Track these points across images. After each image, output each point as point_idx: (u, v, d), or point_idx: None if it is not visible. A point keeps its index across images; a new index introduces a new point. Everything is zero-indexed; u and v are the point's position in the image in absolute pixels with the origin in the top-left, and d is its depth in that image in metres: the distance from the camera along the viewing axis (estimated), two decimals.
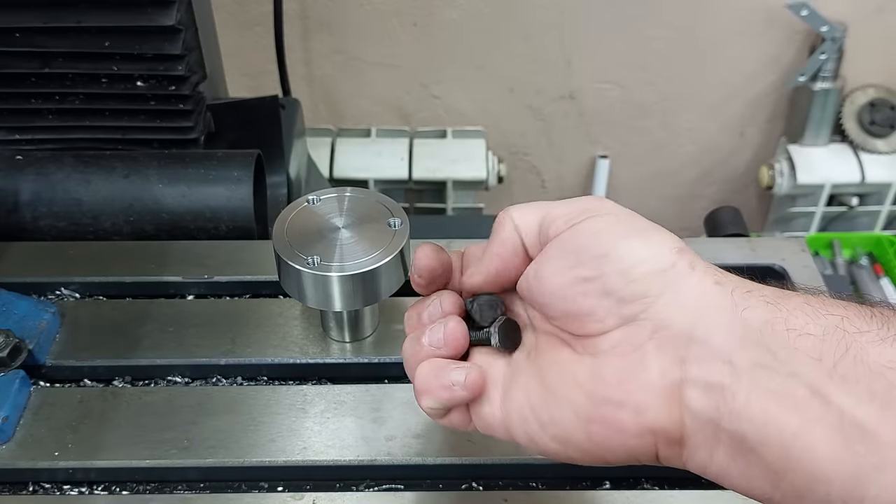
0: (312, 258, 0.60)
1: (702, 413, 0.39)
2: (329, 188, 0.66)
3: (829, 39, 1.59)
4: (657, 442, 0.41)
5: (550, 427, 0.43)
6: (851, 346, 0.37)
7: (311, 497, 0.57)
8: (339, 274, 0.59)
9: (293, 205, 0.64)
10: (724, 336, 0.39)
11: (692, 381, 0.39)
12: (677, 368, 0.40)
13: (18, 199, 0.80)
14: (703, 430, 0.39)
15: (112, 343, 0.67)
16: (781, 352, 0.38)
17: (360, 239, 0.61)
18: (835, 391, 0.36)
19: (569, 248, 0.43)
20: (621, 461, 0.42)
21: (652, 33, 1.64)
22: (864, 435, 0.35)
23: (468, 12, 1.62)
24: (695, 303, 0.40)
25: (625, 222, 0.44)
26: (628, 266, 0.41)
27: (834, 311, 0.38)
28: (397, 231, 0.62)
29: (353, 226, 0.62)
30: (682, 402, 0.40)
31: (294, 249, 0.60)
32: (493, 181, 1.66)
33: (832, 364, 0.36)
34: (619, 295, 0.41)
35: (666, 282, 0.41)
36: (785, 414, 0.37)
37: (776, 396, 0.37)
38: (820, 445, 0.36)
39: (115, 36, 0.84)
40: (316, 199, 0.64)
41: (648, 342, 0.40)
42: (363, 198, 0.64)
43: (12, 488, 0.59)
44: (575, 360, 0.43)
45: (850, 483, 0.35)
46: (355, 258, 0.60)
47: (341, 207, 0.64)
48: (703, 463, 0.40)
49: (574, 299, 0.43)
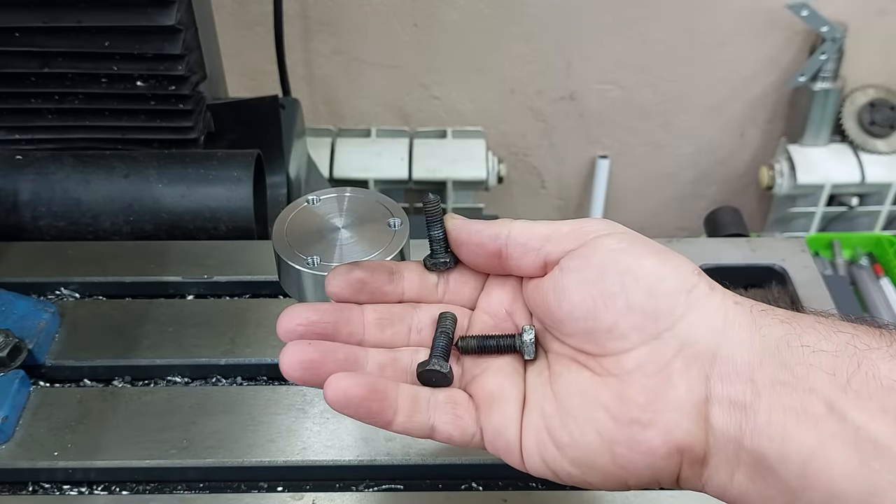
0: (312, 258, 0.60)
1: (725, 431, 0.39)
2: (329, 188, 0.66)
3: (829, 40, 1.59)
4: (682, 462, 0.41)
5: (570, 450, 0.42)
6: (863, 363, 0.37)
7: (311, 497, 0.57)
8: None
9: (293, 205, 0.64)
10: (747, 354, 0.39)
11: (717, 399, 0.40)
12: (703, 386, 0.40)
13: (18, 199, 0.80)
14: (724, 449, 0.39)
15: (112, 343, 0.67)
16: (798, 368, 0.38)
17: (359, 239, 0.61)
18: (850, 407, 0.37)
19: (591, 262, 0.42)
20: (643, 485, 0.42)
21: (652, 34, 1.64)
22: (879, 451, 0.35)
23: (468, 13, 1.62)
24: (721, 321, 0.40)
25: (641, 243, 0.43)
26: (653, 282, 0.41)
27: (844, 329, 0.39)
28: (397, 231, 0.62)
29: (353, 226, 0.62)
30: (707, 421, 0.40)
31: (294, 249, 0.60)
32: (493, 181, 1.66)
33: (846, 380, 0.37)
34: (643, 311, 0.41)
35: (690, 301, 0.41)
36: (803, 431, 0.37)
37: (795, 413, 0.38)
38: (837, 461, 0.36)
39: (115, 36, 0.84)
40: (316, 199, 0.64)
41: (675, 360, 0.40)
42: (363, 198, 0.64)
43: (12, 488, 0.59)
44: (597, 382, 0.42)
45: (865, 499, 0.36)
46: (355, 258, 0.60)
47: (341, 207, 0.64)
48: (722, 485, 0.40)
49: (595, 315, 0.42)
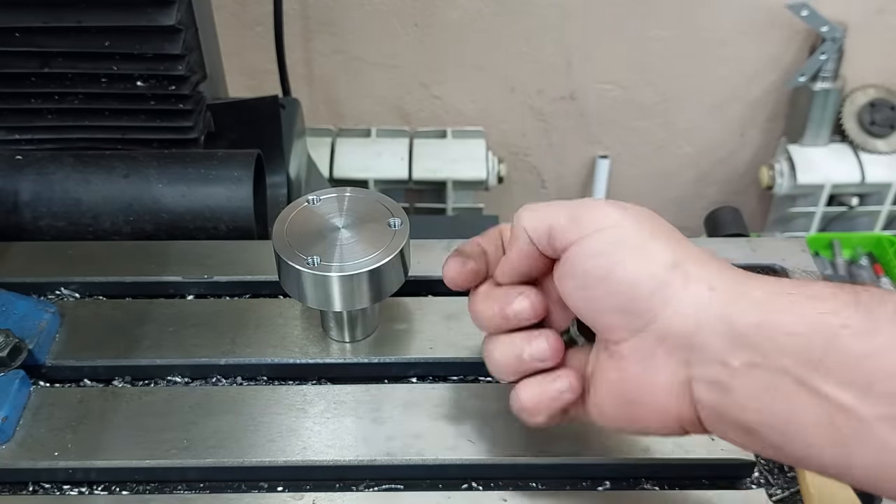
0: (312, 258, 0.60)
1: (708, 405, 0.45)
2: (329, 188, 0.66)
3: (829, 39, 1.59)
4: (683, 426, 0.47)
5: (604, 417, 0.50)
6: (834, 341, 0.41)
7: (311, 497, 0.57)
8: (339, 274, 0.59)
9: (293, 205, 0.64)
10: (720, 341, 0.44)
11: (697, 379, 0.45)
12: (684, 369, 0.46)
13: (18, 199, 0.80)
14: (711, 416, 0.46)
15: (112, 343, 0.67)
16: (772, 352, 0.43)
17: (360, 239, 0.61)
18: (820, 382, 0.41)
19: (577, 271, 0.47)
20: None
21: (652, 34, 1.64)
22: (847, 414, 0.40)
23: (469, 12, 1.62)
24: (693, 314, 0.45)
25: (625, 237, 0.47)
26: (627, 288, 0.46)
27: (821, 307, 0.42)
28: (397, 231, 0.62)
29: (353, 226, 0.62)
30: (693, 396, 0.46)
31: (294, 250, 0.60)
32: (494, 181, 1.66)
33: (818, 358, 0.41)
34: (625, 313, 0.46)
35: (665, 298, 0.45)
36: (777, 403, 0.42)
37: (768, 390, 0.43)
38: (810, 426, 0.42)
39: (115, 36, 0.83)
40: (316, 199, 0.64)
41: (658, 349, 0.46)
42: (363, 198, 0.64)
43: (12, 488, 0.59)
44: (608, 362, 0.48)
45: (838, 454, 0.41)
46: (355, 258, 0.60)
47: (341, 207, 0.64)
48: (721, 436, 0.47)
49: (592, 315, 0.48)
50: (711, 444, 0.58)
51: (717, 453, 0.58)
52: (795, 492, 0.59)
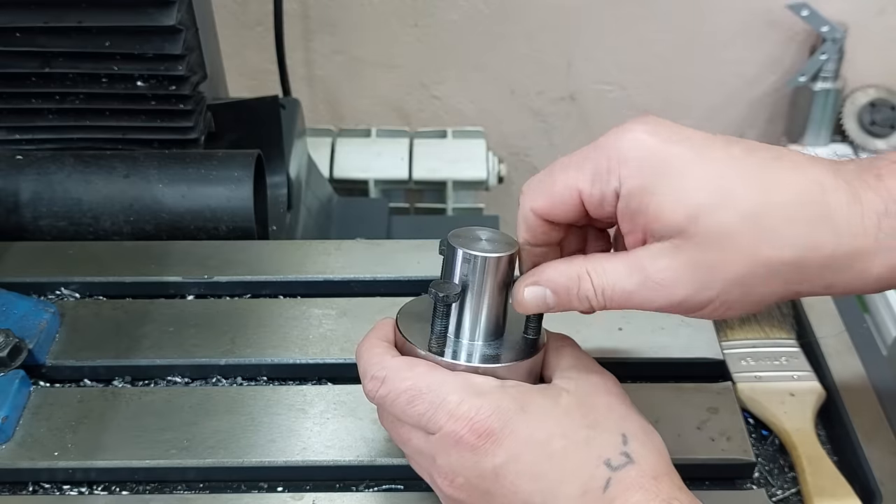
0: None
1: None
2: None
3: (829, 40, 1.59)
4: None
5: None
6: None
7: (311, 497, 0.57)
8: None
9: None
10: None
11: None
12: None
13: (18, 199, 0.80)
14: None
15: (112, 343, 0.67)
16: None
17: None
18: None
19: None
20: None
21: (653, 35, 1.64)
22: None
23: (468, 13, 1.62)
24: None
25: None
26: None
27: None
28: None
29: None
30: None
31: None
32: (494, 182, 1.66)
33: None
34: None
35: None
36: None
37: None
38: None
39: (115, 36, 0.83)
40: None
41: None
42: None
43: (12, 488, 0.59)
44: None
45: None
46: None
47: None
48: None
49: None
50: (711, 445, 0.58)
51: (717, 453, 0.58)
52: (796, 492, 0.59)
